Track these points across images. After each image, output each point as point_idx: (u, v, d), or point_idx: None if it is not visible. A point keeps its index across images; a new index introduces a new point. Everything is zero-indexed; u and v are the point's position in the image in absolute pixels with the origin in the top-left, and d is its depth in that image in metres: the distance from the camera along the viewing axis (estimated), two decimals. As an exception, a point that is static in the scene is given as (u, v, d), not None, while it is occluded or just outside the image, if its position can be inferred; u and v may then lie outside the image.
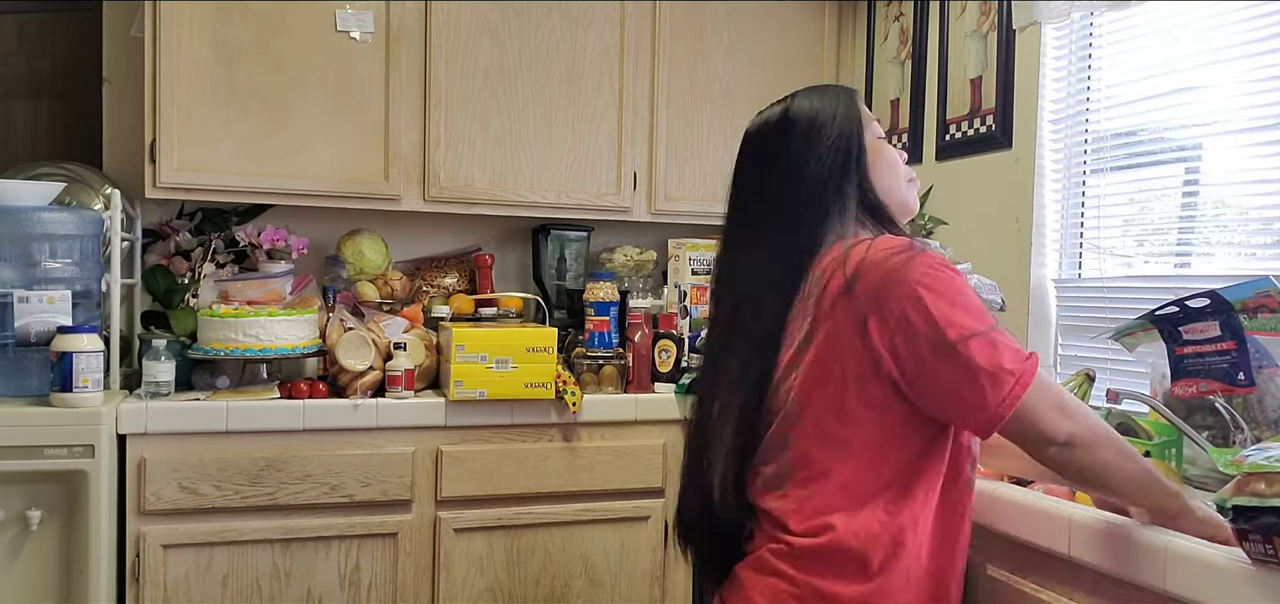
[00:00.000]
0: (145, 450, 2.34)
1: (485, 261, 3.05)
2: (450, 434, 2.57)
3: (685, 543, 1.50)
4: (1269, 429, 1.61)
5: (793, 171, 1.41)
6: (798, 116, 1.43)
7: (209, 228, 2.85)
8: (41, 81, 3.00)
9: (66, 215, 2.42)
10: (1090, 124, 2.37)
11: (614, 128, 2.97)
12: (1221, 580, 1.21)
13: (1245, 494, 1.16)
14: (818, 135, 1.41)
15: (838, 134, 1.41)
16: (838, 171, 1.40)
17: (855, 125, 1.43)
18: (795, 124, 1.43)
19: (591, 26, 2.93)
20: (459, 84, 2.81)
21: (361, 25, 2.72)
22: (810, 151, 1.40)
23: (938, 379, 1.26)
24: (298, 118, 2.68)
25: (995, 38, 2.57)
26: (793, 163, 1.41)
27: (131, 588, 2.35)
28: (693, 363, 2.80)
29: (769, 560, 1.35)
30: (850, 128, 1.42)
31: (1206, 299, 1.61)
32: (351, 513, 2.49)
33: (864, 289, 1.27)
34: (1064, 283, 2.44)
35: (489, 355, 2.56)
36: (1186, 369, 1.68)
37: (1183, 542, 1.27)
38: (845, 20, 3.22)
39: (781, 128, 1.44)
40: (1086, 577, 1.43)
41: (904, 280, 1.26)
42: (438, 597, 2.57)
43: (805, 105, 1.44)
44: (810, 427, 1.33)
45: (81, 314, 2.37)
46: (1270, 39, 1.94)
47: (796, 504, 1.33)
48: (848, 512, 1.30)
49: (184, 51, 2.58)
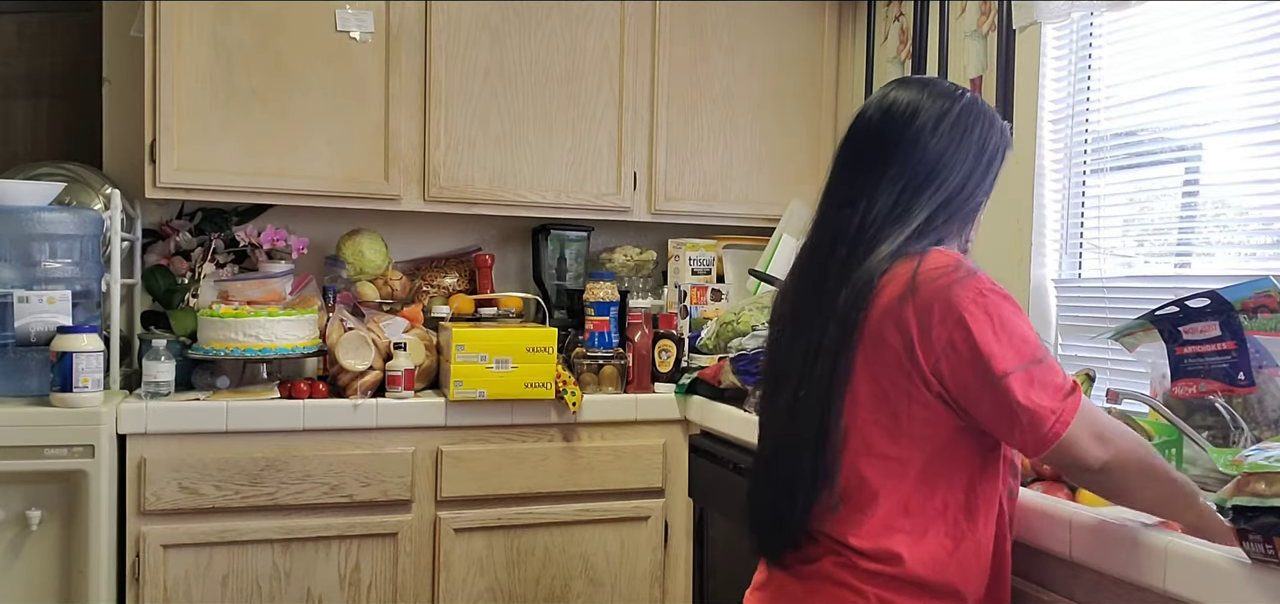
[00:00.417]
0: (145, 450, 2.34)
1: (485, 261, 3.05)
2: (450, 434, 2.57)
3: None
4: (1269, 429, 1.61)
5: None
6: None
7: (209, 228, 2.85)
8: (41, 81, 3.00)
9: (66, 215, 2.42)
10: (1090, 124, 2.37)
11: (614, 128, 2.97)
12: (1221, 580, 1.20)
13: (1245, 494, 1.16)
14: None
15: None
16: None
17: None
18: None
19: (591, 26, 2.93)
20: (459, 84, 2.81)
21: (361, 25, 2.72)
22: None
23: (981, 404, 1.26)
24: (298, 118, 2.68)
25: (995, 38, 2.57)
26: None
27: (131, 588, 2.35)
28: (694, 363, 2.80)
29: (832, 572, 1.33)
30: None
31: (1206, 299, 1.61)
32: (351, 513, 2.49)
33: (913, 307, 1.26)
34: (1064, 283, 2.44)
35: (489, 355, 2.56)
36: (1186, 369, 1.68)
37: (1183, 541, 1.27)
38: (845, 20, 3.22)
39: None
40: (1086, 577, 1.43)
41: (952, 303, 1.25)
42: (438, 597, 2.57)
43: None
44: (861, 447, 1.31)
45: (81, 314, 2.37)
46: (1270, 39, 1.94)
47: (854, 525, 1.31)
48: (911, 537, 1.30)
49: (184, 51, 2.58)
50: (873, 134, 1.39)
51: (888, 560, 1.29)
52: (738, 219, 3.13)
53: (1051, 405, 1.23)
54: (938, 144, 1.35)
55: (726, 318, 2.67)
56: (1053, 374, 1.26)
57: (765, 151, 3.11)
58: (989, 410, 1.26)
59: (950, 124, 1.36)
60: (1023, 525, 1.52)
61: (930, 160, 1.35)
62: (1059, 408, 1.24)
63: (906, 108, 1.37)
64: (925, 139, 1.35)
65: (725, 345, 2.62)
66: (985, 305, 1.25)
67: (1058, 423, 1.23)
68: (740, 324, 2.60)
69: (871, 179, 1.35)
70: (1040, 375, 1.24)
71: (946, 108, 1.37)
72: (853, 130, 1.42)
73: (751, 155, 3.10)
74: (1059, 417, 1.23)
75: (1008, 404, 1.23)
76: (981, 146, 1.38)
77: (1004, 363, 1.23)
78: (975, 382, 1.25)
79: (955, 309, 1.24)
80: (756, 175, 3.11)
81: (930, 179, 1.34)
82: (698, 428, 2.67)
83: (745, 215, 3.13)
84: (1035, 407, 1.23)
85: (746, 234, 3.20)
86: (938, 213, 1.34)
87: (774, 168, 3.13)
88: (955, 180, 1.35)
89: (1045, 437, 1.24)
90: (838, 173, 1.42)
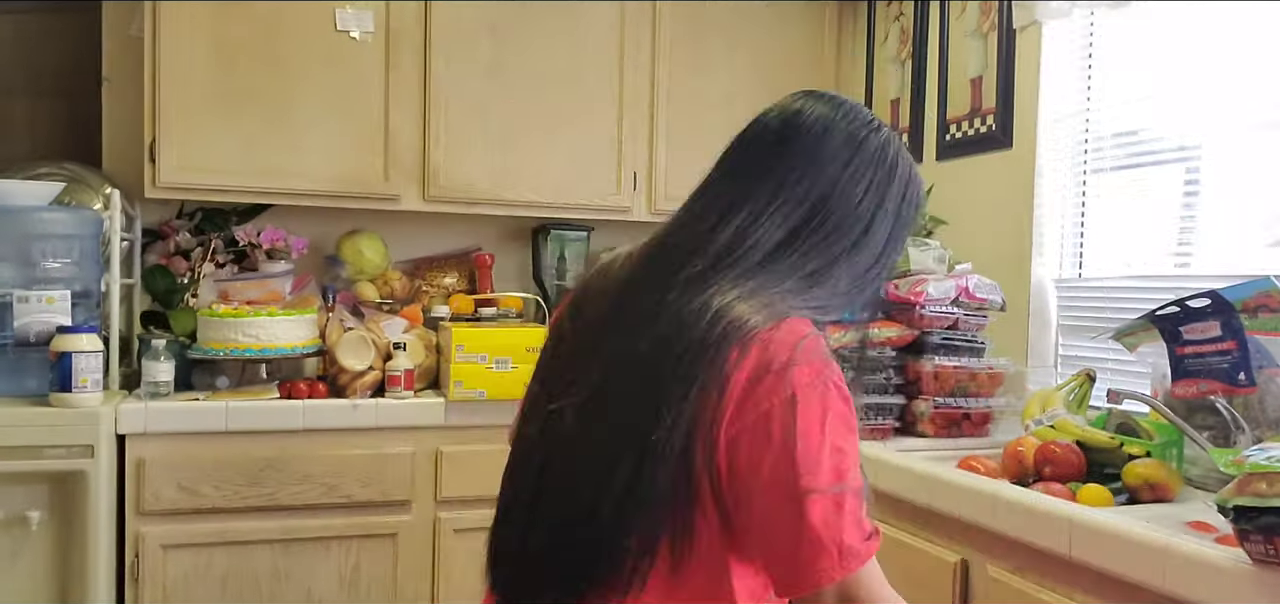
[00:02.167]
0: (145, 451, 2.34)
1: (485, 261, 3.04)
2: (450, 434, 2.57)
3: None
4: (1269, 429, 1.61)
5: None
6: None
7: (209, 228, 2.85)
8: (41, 81, 3.00)
9: (66, 215, 2.42)
10: (1090, 124, 2.37)
11: (614, 128, 2.97)
12: (1221, 580, 1.20)
13: (1246, 494, 1.16)
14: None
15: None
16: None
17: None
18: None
19: (591, 26, 2.93)
20: (459, 84, 2.81)
21: (361, 25, 2.72)
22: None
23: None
24: (297, 117, 2.68)
25: (995, 37, 2.57)
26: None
27: (131, 588, 2.35)
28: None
29: None
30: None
31: (1207, 299, 1.61)
32: (351, 513, 2.49)
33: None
34: (1064, 283, 2.44)
35: (489, 355, 2.56)
36: (1187, 369, 1.68)
37: (1183, 541, 1.27)
38: (845, 20, 3.22)
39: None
40: (1086, 577, 1.43)
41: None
42: (437, 597, 2.57)
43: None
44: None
45: (81, 314, 2.37)
46: (1270, 39, 1.93)
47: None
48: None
49: (183, 51, 2.58)
50: (768, 141, 1.13)
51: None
52: (738, 219, 3.12)
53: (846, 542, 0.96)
54: (847, 179, 1.10)
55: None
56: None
57: (765, 151, 3.10)
58: (779, 537, 0.98)
59: (868, 160, 1.11)
60: (1023, 525, 1.52)
61: (838, 199, 1.09)
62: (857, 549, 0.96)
63: (816, 122, 1.12)
64: (835, 170, 1.10)
65: (725, 345, 2.62)
66: (825, 404, 0.98)
67: (839, 566, 0.95)
68: (740, 324, 2.59)
69: (758, 198, 1.09)
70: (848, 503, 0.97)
71: (864, 137, 1.12)
72: (745, 132, 1.17)
73: (751, 155, 3.09)
74: (844, 560, 0.95)
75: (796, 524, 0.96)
76: (903, 200, 1.14)
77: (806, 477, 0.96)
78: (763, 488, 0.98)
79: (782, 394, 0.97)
80: (756, 175, 3.10)
81: (840, 225, 1.09)
82: (698, 428, 2.67)
83: (745, 215, 3.12)
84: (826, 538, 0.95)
85: (746, 234, 3.19)
86: (850, 273, 1.10)
87: (774, 168, 3.12)
88: (878, 236, 1.11)
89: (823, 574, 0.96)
90: (714, 175, 1.17)
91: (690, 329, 1.00)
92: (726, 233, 1.08)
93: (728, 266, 1.05)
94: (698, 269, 1.05)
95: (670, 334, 1.01)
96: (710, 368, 0.98)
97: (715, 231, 1.08)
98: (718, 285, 1.03)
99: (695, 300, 1.02)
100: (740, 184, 1.12)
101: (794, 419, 0.96)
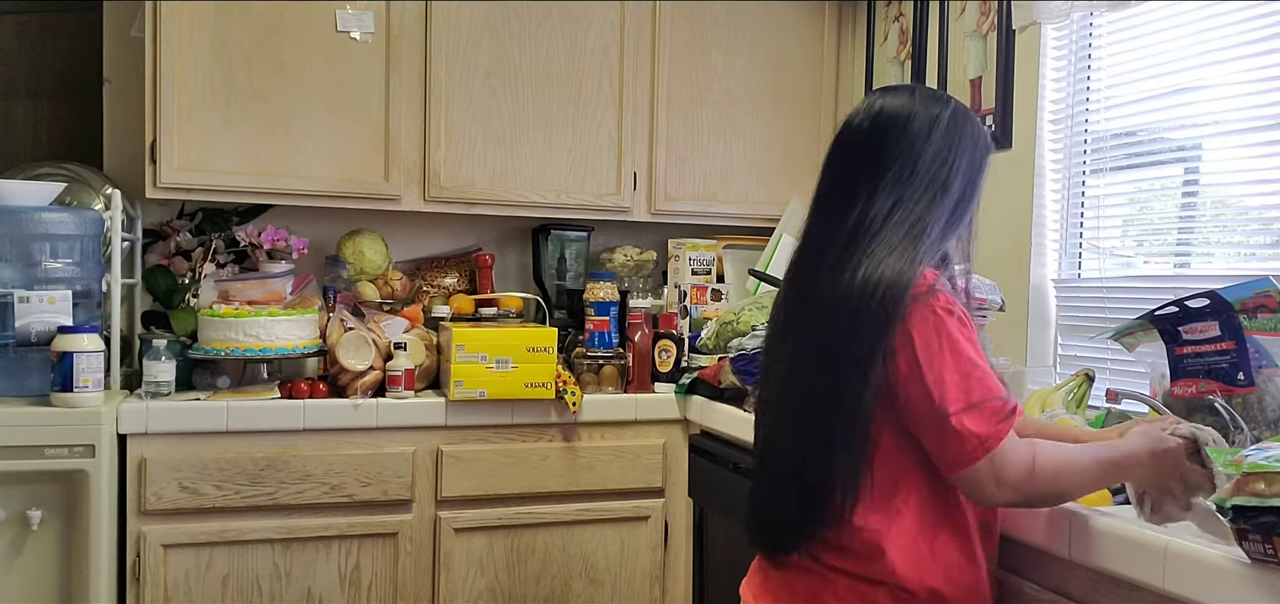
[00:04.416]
0: (146, 450, 2.34)
1: (485, 261, 3.05)
2: (450, 434, 2.57)
3: None
4: (1268, 429, 1.61)
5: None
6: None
7: (209, 228, 2.85)
8: (41, 81, 3.00)
9: (67, 215, 2.42)
10: (1090, 124, 2.37)
11: (614, 128, 2.97)
12: (1221, 580, 1.21)
13: (1245, 494, 1.16)
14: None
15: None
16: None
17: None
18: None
19: (591, 26, 2.93)
20: (459, 84, 2.81)
21: (362, 25, 2.72)
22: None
23: (924, 427, 1.34)
24: (298, 118, 2.69)
25: (995, 38, 2.57)
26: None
27: (132, 588, 2.35)
28: (694, 363, 2.80)
29: (815, 566, 1.40)
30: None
31: (1206, 299, 1.61)
32: (351, 513, 2.49)
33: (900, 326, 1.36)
34: (1064, 283, 2.45)
35: (489, 355, 2.56)
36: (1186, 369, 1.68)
37: (1183, 542, 1.28)
38: (845, 20, 3.22)
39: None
40: (1086, 577, 1.43)
41: (909, 321, 1.34)
42: (438, 597, 2.57)
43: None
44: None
45: (82, 314, 2.38)
46: (1269, 39, 1.94)
47: (841, 523, 1.37)
48: (891, 536, 1.36)
49: (184, 51, 2.58)
50: (863, 139, 1.41)
51: (872, 558, 1.34)
52: (737, 219, 3.13)
53: (984, 430, 1.29)
54: (932, 150, 1.38)
55: (726, 318, 2.67)
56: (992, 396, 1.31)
57: (765, 152, 3.11)
58: (932, 436, 1.32)
59: (943, 131, 1.39)
60: (1023, 526, 1.52)
61: (927, 167, 1.37)
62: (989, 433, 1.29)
63: (898, 113, 1.40)
64: (921, 145, 1.38)
65: (725, 345, 2.62)
66: (937, 324, 1.30)
67: (981, 449, 1.28)
68: (740, 324, 2.60)
69: (867, 183, 1.38)
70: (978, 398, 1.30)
71: (938, 113, 1.40)
72: (842, 136, 1.45)
73: (751, 155, 3.10)
74: (984, 443, 1.28)
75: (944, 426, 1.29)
76: (974, 153, 1.42)
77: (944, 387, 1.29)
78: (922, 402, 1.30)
79: (906, 327, 1.31)
80: (756, 175, 3.11)
81: (930, 186, 1.37)
82: (698, 428, 2.68)
83: (745, 215, 3.13)
84: (965, 430, 1.28)
85: (746, 234, 3.20)
86: (940, 221, 1.37)
87: (774, 168, 3.13)
88: (955, 188, 1.39)
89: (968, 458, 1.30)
90: (827, 178, 1.44)
91: (849, 298, 1.31)
92: (851, 218, 1.36)
93: (858, 242, 1.34)
94: (839, 251, 1.35)
95: (831, 309, 1.34)
96: (873, 323, 1.30)
97: (842, 220, 1.37)
98: (857, 258, 1.33)
99: (845, 274, 1.33)
100: (850, 180, 1.40)
101: (934, 337, 1.29)
